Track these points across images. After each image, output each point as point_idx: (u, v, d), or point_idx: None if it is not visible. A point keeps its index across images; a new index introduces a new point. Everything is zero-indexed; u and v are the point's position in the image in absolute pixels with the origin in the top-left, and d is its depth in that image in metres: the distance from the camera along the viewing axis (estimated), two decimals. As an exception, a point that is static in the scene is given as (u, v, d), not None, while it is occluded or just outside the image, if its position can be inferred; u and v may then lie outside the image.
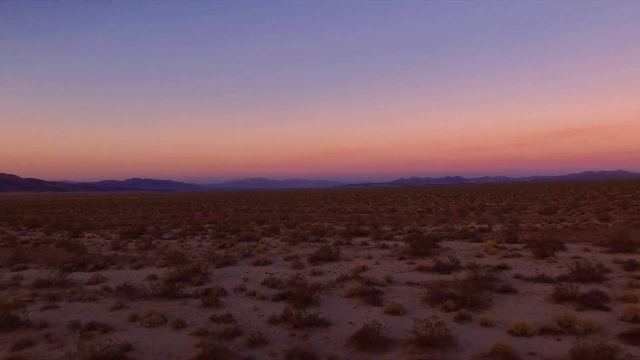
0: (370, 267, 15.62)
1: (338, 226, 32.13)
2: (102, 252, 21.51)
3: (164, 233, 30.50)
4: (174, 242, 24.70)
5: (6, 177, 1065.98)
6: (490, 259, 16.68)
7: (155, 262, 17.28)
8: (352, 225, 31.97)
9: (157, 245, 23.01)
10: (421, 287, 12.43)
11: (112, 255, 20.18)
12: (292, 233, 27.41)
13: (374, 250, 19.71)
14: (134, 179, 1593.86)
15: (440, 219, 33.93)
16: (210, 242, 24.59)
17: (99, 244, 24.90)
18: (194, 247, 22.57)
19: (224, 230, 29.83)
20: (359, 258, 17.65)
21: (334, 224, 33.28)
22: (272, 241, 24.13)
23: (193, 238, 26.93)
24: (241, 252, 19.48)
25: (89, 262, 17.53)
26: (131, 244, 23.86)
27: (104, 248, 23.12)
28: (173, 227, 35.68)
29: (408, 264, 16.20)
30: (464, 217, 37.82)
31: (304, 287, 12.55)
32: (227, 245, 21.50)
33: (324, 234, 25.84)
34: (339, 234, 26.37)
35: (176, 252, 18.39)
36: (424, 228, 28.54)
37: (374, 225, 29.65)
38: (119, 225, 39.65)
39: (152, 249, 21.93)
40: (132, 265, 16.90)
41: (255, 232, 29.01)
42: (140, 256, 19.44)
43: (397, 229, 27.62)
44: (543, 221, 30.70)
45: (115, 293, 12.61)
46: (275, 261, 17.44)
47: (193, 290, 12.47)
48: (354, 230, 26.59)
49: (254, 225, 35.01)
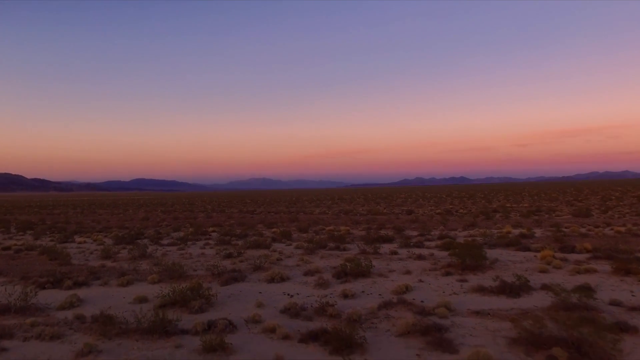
0: (414, 286, 12.48)
1: (356, 230, 29.01)
2: (89, 262, 18.48)
3: (163, 237, 27.47)
4: (173, 250, 21.65)
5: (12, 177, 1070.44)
6: (560, 275, 13.52)
7: (148, 277, 14.20)
8: (372, 229, 28.85)
9: (153, 253, 19.96)
10: (497, 320, 9.31)
11: (98, 266, 17.12)
12: (306, 239, 24.33)
13: (409, 261, 16.57)
14: (138, 179, 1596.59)
15: (468, 222, 30.74)
16: (214, 249, 21.55)
17: (88, 251, 21.88)
18: (196, 255, 19.51)
19: (229, 235, 26.78)
20: (395, 273, 14.53)
21: (351, 228, 30.15)
22: (285, 249, 21.05)
23: (195, 244, 23.89)
24: (251, 263, 16.41)
25: (69, 276, 14.48)
26: (124, 252, 20.85)
27: (92, 257, 20.09)
28: (174, 230, 32.69)
29: (459, 281, 13.06)
30: (490, 219, 34.61)
31: (338, 319, 9.48)
32: (234, 255, 18.41)
33: (343, 240, 22.76)
34: (359, 240, 23.30)
35: (174, 263, 15.33)
36: (454, 233, 25.37)
37: (398, 230, 26.49)
38: (116, 228, 36.70)
39: (146, 258, 18.87)
40: (120, 281, 13.83)
41: (265, 237, 25.94)
42: (132, 268, 16.37)
43: (424, 234, 24.46)
44: (587, 225, 27.45)
45: (89, 325, 9.54)
46: (293, 276, 14.33)
47: (192, 321, 9.40)
48: (376, 236, 23.49)
49: (262, 229, 31.95)
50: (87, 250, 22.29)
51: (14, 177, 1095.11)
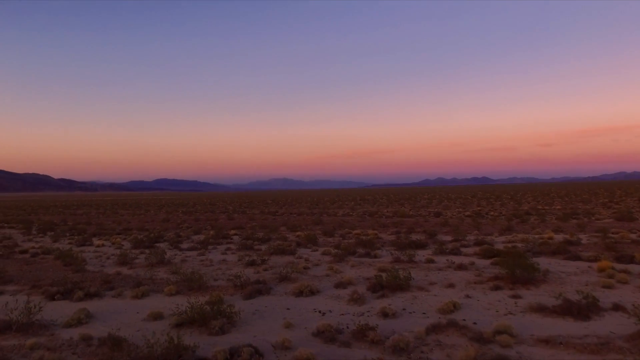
0: (462, 303, 10.98)
1: (384, 234, 27.51)
2: (104, 269, 17.47)
3: (183, 241, 26.46)
4: (193, 255, 20.54)
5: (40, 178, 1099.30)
6: (629, 292, 11.81)
7: (165, 289, 13.02)
8: (401, 233, 27.31)
9: (171, 259, 18.85)
10: (573, 352, 7.77)
11: (113, 274, 16.06)
12: (333, 244, 22.98)
13: (449, 272, 15.04)
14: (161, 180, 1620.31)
15: (503, 226, 28.92)
16: (236, 254, 20.36)
17: (105, 255, 20.94)
18: (217, 262, 18.32)
19: (251, 239, 25.61)
20: (436, 286, 13.04)
21: (379, 232, 28.66)
22: (311, 255, 19.72)
23: (216, 249, 22.77)
24: (276, 272, 15.14)
25: (81, 286, 13.42)
26: (142, 256, 19.81)
27: (108, 262, 19.11)
28: (194, 232, 31.71)
29: (512, 297, 11.50)
30: (525, 223, 32.67)
31: (381, 346, 8.09)
32: (258, 262, 17.14)
33: (373, 245, 21.33)
34: (389, 245, 21.84)
35: (193, 272, 14.15)
36: (491, 238, 23.66)
37: (429, 235, 24.89)
38: (136, 229, 35.97)
39: (164, 264, 17.76)
40: (135, 293, 12.68)
41: (289, 241, 24.68)
42: (148, 276, 15.26)
43: (459, 240, 22.83)
44: (637, 231, 25.40)
45: (95, 350, 8.36)
46: (323, 289, 12.97)
47: (212, 345, 8.14)
48: (407, 241, 21.99)
49: (285, 232, 30.72)
50: (104, 254, 21.36)
51: (42, 177, 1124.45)
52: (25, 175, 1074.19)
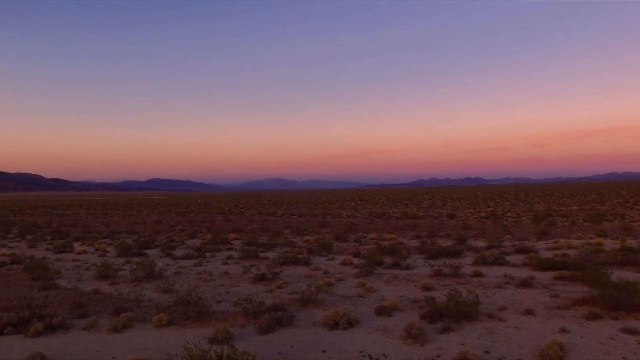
0: (567, 344, 7.92)
1: (403, 239, 24.47)
2: (80, 284, 14.27)
3: (177, 247, 23.27)
4: (189, 265, 17.37)
5: (31, 177, 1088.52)
6: None
7: (154, 318, 9.86)
8: (422, 237, 24.30)
9: (163, 271, 15.63)
10: None
11: (90, 293, 12.85)
12: (350, 251, 19.93)
13: (512, 290, 11.97)
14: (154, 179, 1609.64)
15: (537, 230, 25.98)
16: (239, 264, 17.24)
17: (85, 265, 17.70)
18: (217, 275, 15.18)
19: (254, 245, 22.48)
20: (510, 312, 9.97)
21: (397, 236, 25.58)
22: (328, 265, 16.63)
23: (215, 257, 19.62)
24: (294, 291, 12.07)
25: (41, 313, 10.24)
26: (128, 267, 16.61)
27: (87, 275, 15.89)
28: (189, 236, 28.49)
29: (625, 332, 8.46)
30: (554, 225, 29.75)
31: None
32: (268, 276, 14.01)
33: (398, 253, 18.31)
34: (415, 252, 18.82)
35: (189, 292, 11.04)
36: (530, 244, 20.70)
37: (459, 240, 21.85)
38: (125, 232, 32.71)
39: (154, 279, 14.57)
40: (113, 324, 9.50)
41: (298, 247, 21.60)
42: (133, 297, 12.09)
43: (496, 246, 19.83)
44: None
45: None
46: (362, 317, 9.85)
47: None
48: (435, 248, 18.99)
49: (290, 236, 27.62)
50: (84, 264, 18.13)
51: (34, 177, 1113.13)
52: (17, 175, 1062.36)
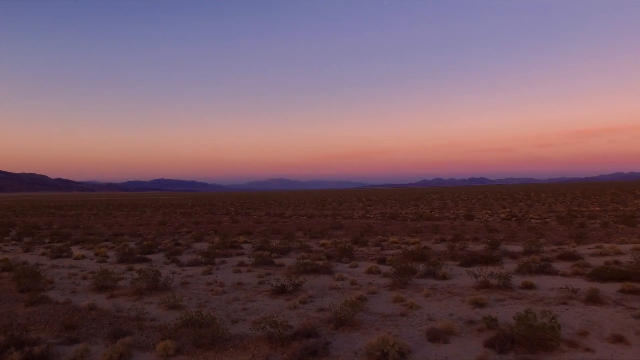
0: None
1: (428, 242, 22.64)
2: (75, 297, 12.52)
3: (183, 251, 21.54)
4: (197, 273, 15.61)
5: (36, 178, 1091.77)
6: None
7: (158, 346, 8.09)
8: (447, 241, 22.47)
9: (168, 281, 13.80)
10: None
11: (84, 309, 11.09)
12: (374, 257, 18.12)
13: (580, 307, 10.09)
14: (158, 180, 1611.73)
15: (573, 233, 24.09)
16: (253, 272, 15.48)
17: (82, 274, 15.96)
18: (230, 286, 13.39)
19: (266, 249, 20.71)
20: (593, 339, 8.12)
21: (419, 239, 23.71)
22: (353, 273, 14.82)
23: (225, 263, 17.85)
24: (321, 307, 10.29)
25: (21, 339, 8.48)
26: (129, 275, 14.88)
27: (84, 285, 14.15)
28: (195, 239, 26.76)
29: None
30: (585, 227, 27.82)
31: None
32: (288, 288, 12.21)
33: (426, 258, 16.52)
34: (445, 258, 17.00)
35: (201, 310, 9.28)
36: (572, 249, 18.83)
37: (491, 244, 19.96)
38: (128, 234, 31.03)
39: (158, 291, 12.80)
40: (109, 354, 7.74)
41: (315, 252, 19.82)
42: (134, 315, 10.32)
43: (536, 252, 17.95)
44: None
45: None
46: (414, 346, 7.99)
47: None
48: (469, 254, 17.18)
49: (303, 238, 25.84)
50: (82, 271, 16.42)
51: (39, 177, 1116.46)
52: (22, 176, 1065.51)
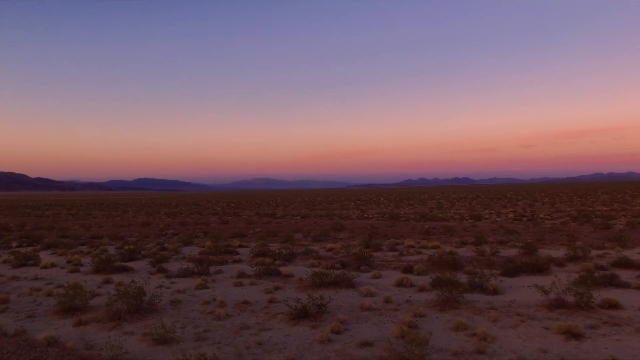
0: None
1: (449, 246, 20.14)
2: (33, 322, 9.66)
3: (171, 257, 18.68)
4: (189, 287, 12.81)
5: (15, 177, 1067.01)
6: None
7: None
8: (474, 245, 20.02)
9: (155, 299, 10.91)
10: None
11: (40, 345, 8.25)
12: (397, 265, 15.54)
13: None
14: (141, 179, 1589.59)
15: (610, 236, 21.85)
16: (257, 284, 12.77)
17: (47, 289, 13.03)
18: (233, 305, 10.64)
19: (267, 255, 17.99)
20: None
21: (440, 243, 21.16)
22: (382, 286, 12.19)
23: (221, 272, 15.08)
24: (363, 340, 7.66)
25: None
26: (105, 291, 12.03)
27: (46, 304, 11.25)
28: (183, 242, 23.82)
29: None
30: (609, 229, 25.67)
31: None
32: (311, 310, 9.52)
33: (462, 267, 14.02)
34: (480, 265, 14.50)
35: (202, 356, 6.57)
36: (619, 254, 16.48)
37: (527, 249, 17.48)
38: (108, 237, 27.93)
39: (142, 315, 9.99)
40: None
41: (325, 259, 17.17)
42: (109, 354, 7.53)
43: (584, 258, 15.53)
44: None
45: None
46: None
47: None
48: (507, 261, 14.71)
49: (305, 241, 23.16)
50: (48, 284, 13.51)
51: (17, 176, 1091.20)
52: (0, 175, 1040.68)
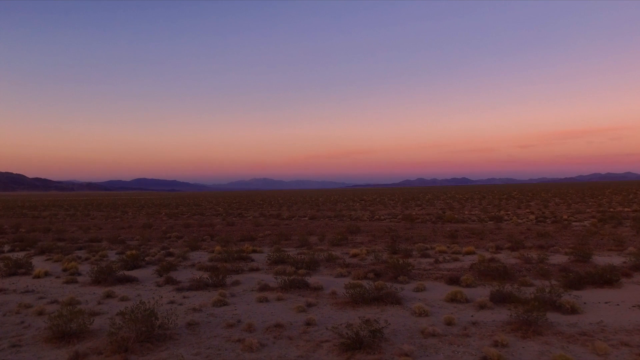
0: None
1: (487, 252, 18.27)
2: (16, 355, 7.78)
3: (179, 265, 16.78)
4: (205, 302, 10.91)
5: (13, 177, 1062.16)
6: None
7: None
8: (514, 251, 18.18)
9: (166, 319, 9.03)
10: None
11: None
12: (442, 275, 13.67)
13: None
14: (140, 179, 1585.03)
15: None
16: (284, 300, 10.90)
17: (38, 304, 11.15)
18: (262, 328, 8.77)
19: (286, 262, 16.11)
20: None
21: (473, 248, 19.26)
22: (432, 302, 10.33)
23: (239, 284, 13.18)
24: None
25: None
26: (107, 308, 10.14)
27: (35, 326, 9.35)
28: (190, 247, 21.88)
29: None
30: None
31: None
32: (365, 338, 7.66)
33: (514, 277, 12.18)
34: (533, 276, 12.65)
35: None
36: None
37: (580, 255, 15.59)
38: (108, 240, 25.98)
39: (154, 344, 8.11)
40: None
41: (354, 267, 15.31)
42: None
43: None
44: None
45: None
46: None
47: None
48: (565, 269, 12.87)
49: (322, 245, 21.29)
50: (39, 299, 11.61)
51: (15, 176, 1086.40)
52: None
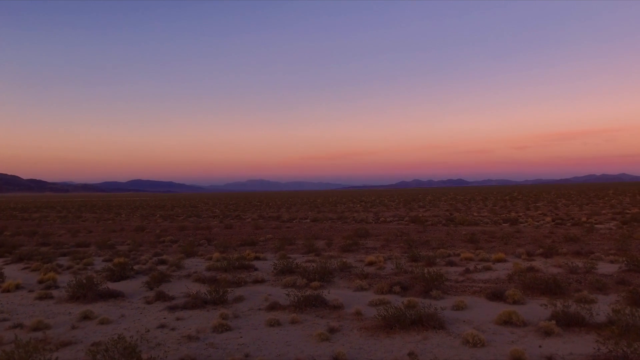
0: None
1: (519, 259, 16.38)
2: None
3: (173, 276, 14.79)
4: (203, 324, 8.96)
5: (7, 178, 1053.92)
6: None
7: None
8: (548, 259, 16.29)
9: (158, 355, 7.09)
10: None
11: None
12: (488, 291, 11.75)
13: None
14: (135, 180, 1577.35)
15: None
16: (298, 324, 8.98)
17: (2, 325, 9.18)
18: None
19: (294, 271, 14.18)
20: None
21: (501, 254, 17.31)
22: (481, 326, 8.43)
23: (243, 300, 11.23)
24: None
25: None
26: (82, 334, 8.17)
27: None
28: (185, 253, 19.87)
29: None
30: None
31: None
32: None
33: (565, 291, 10.28)
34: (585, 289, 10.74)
35: None
36: None
37: (634, 264, 13.69)
38: (96, 245, 23.90)
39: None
40: None
41: (375, 278, 13.40)
42: None
43: None
44: None
45: None
46: None
47: None
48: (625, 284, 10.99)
49: (330, 251, 19.35)
50: (2, 320, 9.61)
51: (10, 177, 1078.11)
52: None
